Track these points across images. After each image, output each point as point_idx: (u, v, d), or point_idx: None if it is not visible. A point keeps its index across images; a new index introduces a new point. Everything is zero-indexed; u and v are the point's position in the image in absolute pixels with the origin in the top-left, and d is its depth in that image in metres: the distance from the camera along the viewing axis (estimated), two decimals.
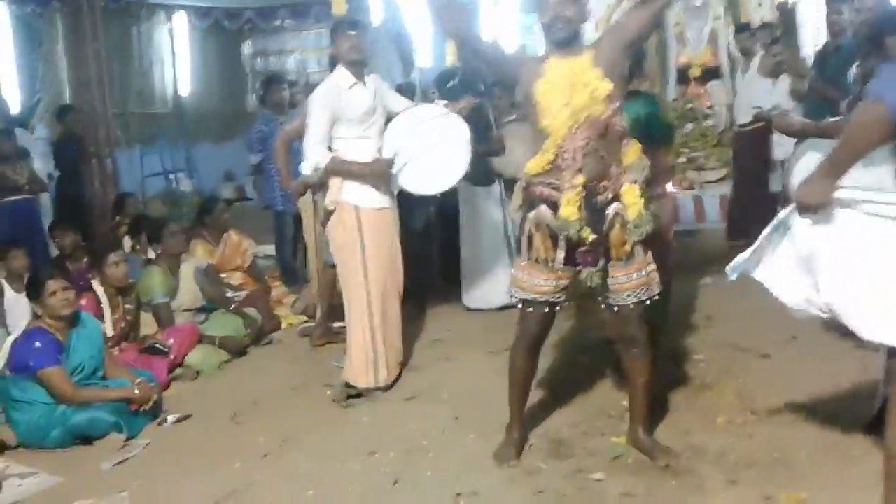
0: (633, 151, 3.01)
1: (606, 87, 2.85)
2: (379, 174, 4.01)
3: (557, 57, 2.93)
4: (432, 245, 5.98)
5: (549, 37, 2.96)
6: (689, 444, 3.21)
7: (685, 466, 3.03)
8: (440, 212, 5.93)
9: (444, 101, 4.35)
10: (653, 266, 3.05)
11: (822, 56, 5.48)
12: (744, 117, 6.54)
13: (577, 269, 3.00)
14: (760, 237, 2.61)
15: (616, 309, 3.05)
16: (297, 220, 6.27)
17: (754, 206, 6.55)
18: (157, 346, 4.38)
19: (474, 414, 3.68)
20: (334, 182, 4.05)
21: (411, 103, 4.31)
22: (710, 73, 9.52)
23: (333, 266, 4.29)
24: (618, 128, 2.95)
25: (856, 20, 5.04)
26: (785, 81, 5.96)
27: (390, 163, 4.01)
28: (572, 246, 2.95)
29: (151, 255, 4.83)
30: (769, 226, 2.58)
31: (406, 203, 4.61)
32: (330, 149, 4.03)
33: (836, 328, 4.35)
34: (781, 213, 2.56)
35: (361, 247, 3.99)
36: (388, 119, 4.17)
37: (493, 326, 5.08)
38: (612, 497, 2.87)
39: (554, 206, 2.93)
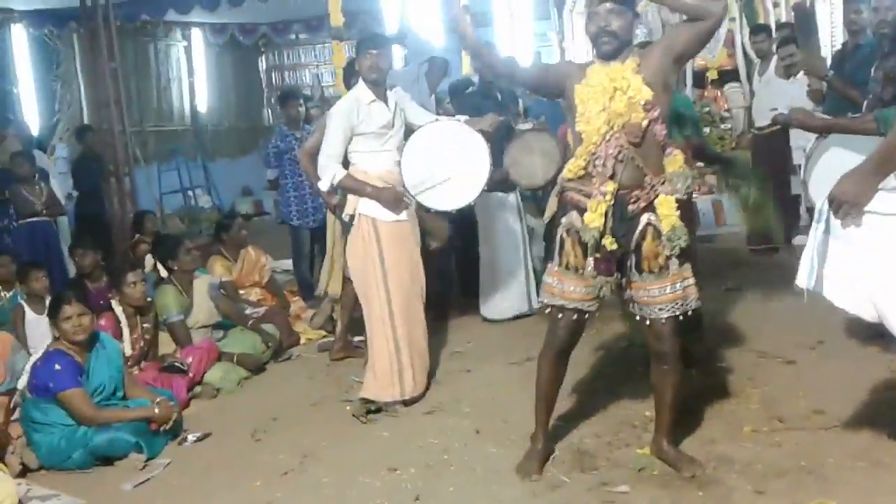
0: (676, 161, 2.97)
1: (647, 94, 2.83)
2: (389, 202, 3.99)
3: (601, 63, 2.94)
4: (451, 256, 5.95)
5: (595, 49, 2.97)
6: (715, 454, 3.15)
7: (712, 477, 2.97)
8: (458, 223, 5.91)
9: (465, 117, 4.31)
10: (690, 280, 2.98)
11: (841, 56, 5.41)
12: (762, 120, 6.47)
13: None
14: (810, 247, 2.53)
15: (648, 322, 3.00)
16: (314, 234, 6.31)
17: (775, 209, 6.47)
18: (177, 364, 4.38)
19: (495, 426, 3.64)
20: (351, 196, 4.06)
21: (432, 117, 4.28)
22: (727, 76, 9.45)
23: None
24: (658, 137, 2.91)
25: (874, 19, 4.98)
26: (802, 82, 5.89)
27: (401, 194, 4.01)
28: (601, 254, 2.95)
29: (164, 273, 4.82)
30: (812, 232, 2.51)
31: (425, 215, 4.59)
32: (347, 161, 4.03)
33: (862, 332, 4.32)
34: (820, 217, 2.51)
35: (381, 259, 3.99)
36: (409, 131, 4.17)
37: (513, 337, 5.06)
38: None
39: (584, 213, 2.94)
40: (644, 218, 2.92)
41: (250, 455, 3.66)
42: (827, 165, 3.44)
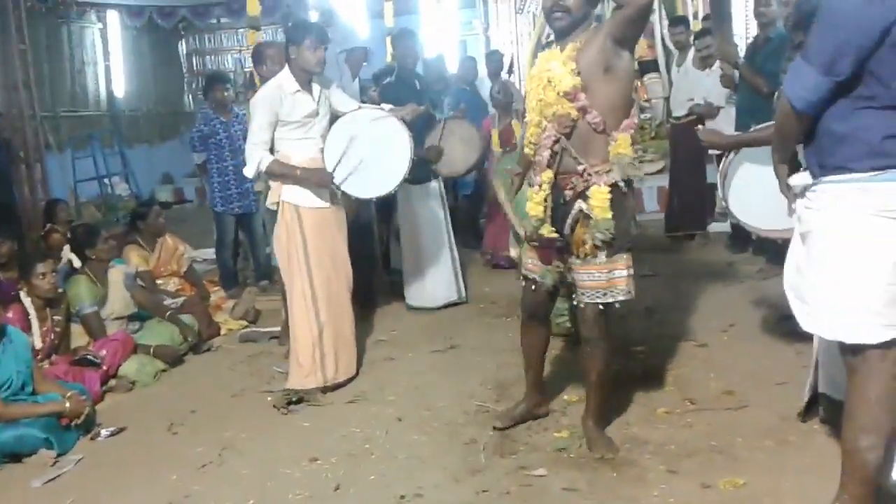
0: (618, 145, 2.91)
1: (570, 83, 2.83)
2: (318, 182, 3.99)
3: (551, 48, 2.97)
4: (373, 244, 5.93)
5: (548, 24, 2.97)
6: (629, 436, 3.23)
7: (626, 458, 3.05)
8: (380, 210, 5.89)
9: (389, 106, 4.29)
10: (622, 272, 2.99)
11: (753, 47, 5.58)
12: (680, 110, 6.63)
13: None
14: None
15: (580, 305, 3.07)
16: (240, 221, 6.20)
17: (691, 197, 6.66)
18: (89, 357, 4.24)
19: (418, 414, 3.65)
20: (275, 183, 4.02)
21: (357, 105, 4.25)
22: (647, 67, 9.64)
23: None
24: (593, 124, 2.89)
25: (784, 12, 5.13)
26: (717, 74, 6.06)
27: (331, 175, 3.99)
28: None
29: (77, 263, 4.65)
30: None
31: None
32: (272, 150, 3.99)
33: (771, 317, 4.50)
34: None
35: (304, 245, 3.98)
36: (335, 118, 4.13)
37: (438, 325, 5.08)
38: (554, 492, 2.86)
39: None
40: (577, 205, 2.96)
41: (167, 448, 3.57)
42: (744, 181, 3.55)
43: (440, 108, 6.01)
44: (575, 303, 3.11)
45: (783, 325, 4.32)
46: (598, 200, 2.90)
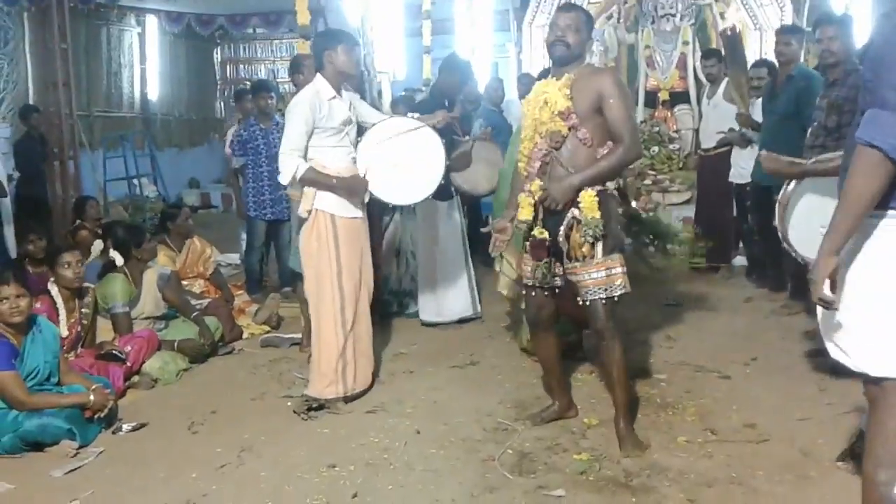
0: (587, 209, 3.26)
1: (564, 104, 3.23)
2: (354, 191, 3.99)
3: (549, 77, 3.40)
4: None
5: (549, 54, 3.41)
6: (649, 462, 3.22)
7: (645, 484, 3.04)
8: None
9: (417, 115, 4.35)
10: (617, 269, 3.30)
11: (771, 86, 5.61)
12: (708, 142, 6.64)
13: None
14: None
15: (586, 303, 3.31)
16: (270, 227, 6.26)
17: (716, 229, 6.65)
18: (115, 352, 4.29)
19: (436, 428, 3.66)
20: (308, 191, 4.01)
21: (384, 115, 4.31)
22: (678, 98, 9.67)
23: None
24: (584, 140, 3.27)
25: (817, 48, 5.15)
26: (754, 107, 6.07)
27: (365, 182, 4.00)
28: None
29: (120, 261, 4.70)
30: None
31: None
32: (305, 157, 3.99)
33: (794, 350, 4.48)
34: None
35: (337, 255, 3.97)
36: (361, 130, 4.17)
37: (457, 341, 5.09)
38: None
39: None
40: (570, 212, 3.29)
41: (186, 447, 3.60)
42: (805, 211, 3.47)
43: (470, 129, 6.04)
44: (581, 302, 3.31)
45: (807, 361, 4.30)
46: (588, 203, 3.23)
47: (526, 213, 3.36)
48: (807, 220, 3.43)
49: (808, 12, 9.89)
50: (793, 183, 3.51)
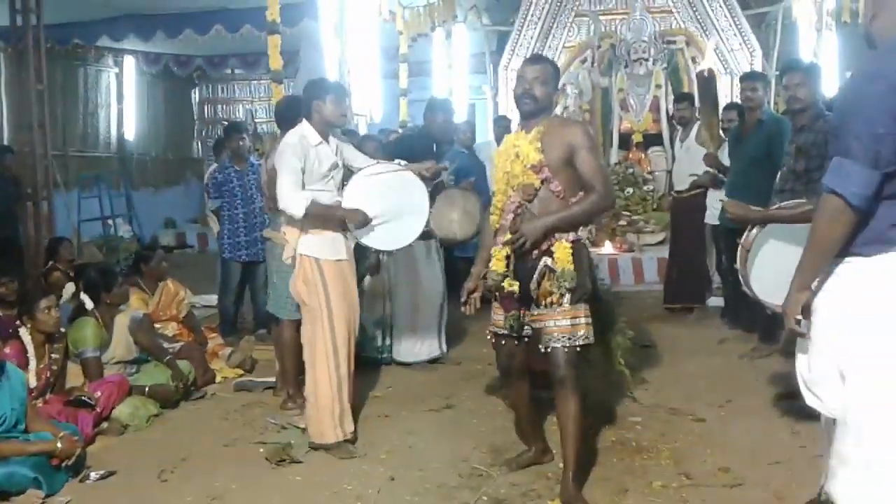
0: (560, 260, 3.27)
1: (534, 158, 3.24)
2: (357, 220, 3.96)
3: (518, 130, 3.43)
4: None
5: (517, 107, 3.43)
6: None
7: None
8: None
9: (404, 162, 4.35)
10: (582, 319, 3.28)
11: (739, 130, 5.73)
12: (681, 184, 6.73)
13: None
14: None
15: (548, 350, 3.27)
16: (245, 269, 6.23)
17: (690, 271, 6.72)
18: (84, 398, 4.21)
19: (411, 475, 3.62)
20: (291, 236, 4.01)
21: (371, 160, 4.30)
22: (652, 140, 9.83)
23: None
24: (556, 191, 3.28)
25: (786, 95, 5.28)
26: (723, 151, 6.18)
27: (365, 213, 3.97)
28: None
29: (89, 305, 4.65)
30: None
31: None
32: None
33: (768, 393, 4.50)
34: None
35: (326, 298, 3.95)
36: (347, 174, 4.18)
37: (433, 385, 5.07)
38: None
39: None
40: (542, 261, 3.27)
41: (155, 496, 3.53)
42: (767, 257, 3.52)
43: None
44: (543, 349, 3.27)
45: (780, 404, 4.32)
46: (562, 254, 3.23)
47: (499, 266, 3.33)
48: (770, 266, 3.48)
49: (777, 58, 10.17)
50: (756, 228, 3.58)
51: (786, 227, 3.37)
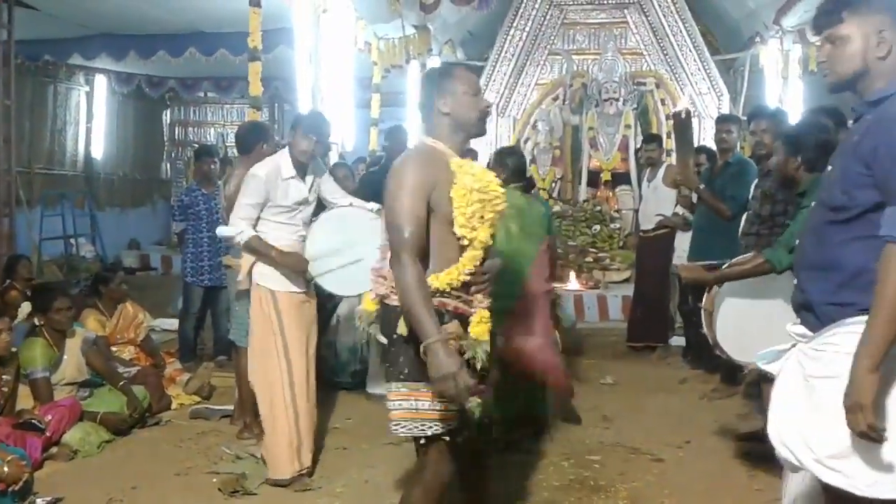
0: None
1: (504, 200, 2.62)
2: (293, 267, 3.93)
3: (456, 158, 2.57)
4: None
5: (473, 129, 2.64)
6: None
7: None
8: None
9: (377, 206, 4.27)
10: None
11: (710, 172, 5.82)
12: (647, 223, 6.80)
13: None
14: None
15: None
16: (208, 293, 6.15)
17: (654, 310, 6.76)
18: (33, 421, 4.10)
19: None
20: (246, 265, 3.98)
21: (347, 199, 4.23)
22: (620, 178, 9.95)
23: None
24: None
25: (752, 141, 5.37)
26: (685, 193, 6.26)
27: (306, 262, 3.95)
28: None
29: (37, 322, 4.55)
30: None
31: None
32: (255, 227, 3.95)
33: (727, 434, 4.52)
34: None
35: (281, 331, 3.90)
36: (321, 206, 4.15)
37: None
38: None
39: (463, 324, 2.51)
40: None
41: None
42: (729, 314, 3.54)
43: None
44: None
45: (738, 445, 4.34)
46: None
47: (487, 334, 2.56)
48: (735, 323, 3.50)
49: (744, 102, 10.38)
50: (714, 289, 3.60)
51: (742, 283, 3.40)
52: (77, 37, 9.39)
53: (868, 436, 1.89)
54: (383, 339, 2.59)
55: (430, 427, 2.51)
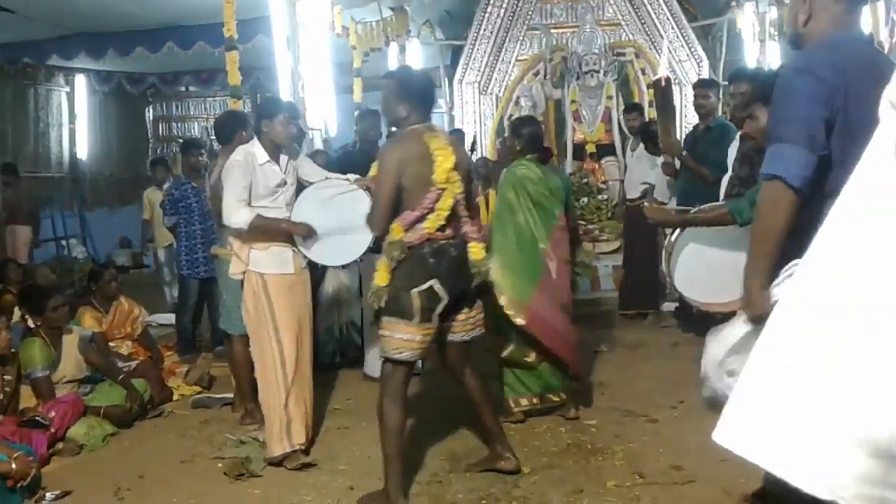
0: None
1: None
2: (303, 233, 4.01)
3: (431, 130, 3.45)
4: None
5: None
6: None
7: None
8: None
9: (356, 176, 4.36)
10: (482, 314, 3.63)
11: (693, 136, 5.88)
12: (633, 192, 6.87)
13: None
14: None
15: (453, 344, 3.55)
16: (203, 285, 6.19)
17: (644, 277, 6.84)
18: (38, 419, 4.17)
19: (370, 485, 3.62)
20: (240, 252, 4.04)
21: (324, 173, 4.32)
22: (605, 150, 9.99)
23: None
24: None
25: (732, 103, 5.44)
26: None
27: (311, 227, 4.01)
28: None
29: (32, 324, 4.59)
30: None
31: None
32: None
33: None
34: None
35: (271, 312, 3.97)
36: (301, 187, 4.20)
37: None
38: None
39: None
40: None
41: None
42: (688, 257, 3.60)
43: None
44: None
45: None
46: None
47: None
48: (690, 265, 3.59)
49: (724, 68, 10.42)
50: (676, 231, 3.69)
51: (703, 230, 3.49)
52: (55, 37, 9.33)
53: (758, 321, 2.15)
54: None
55: (402, 353, 3.34)
